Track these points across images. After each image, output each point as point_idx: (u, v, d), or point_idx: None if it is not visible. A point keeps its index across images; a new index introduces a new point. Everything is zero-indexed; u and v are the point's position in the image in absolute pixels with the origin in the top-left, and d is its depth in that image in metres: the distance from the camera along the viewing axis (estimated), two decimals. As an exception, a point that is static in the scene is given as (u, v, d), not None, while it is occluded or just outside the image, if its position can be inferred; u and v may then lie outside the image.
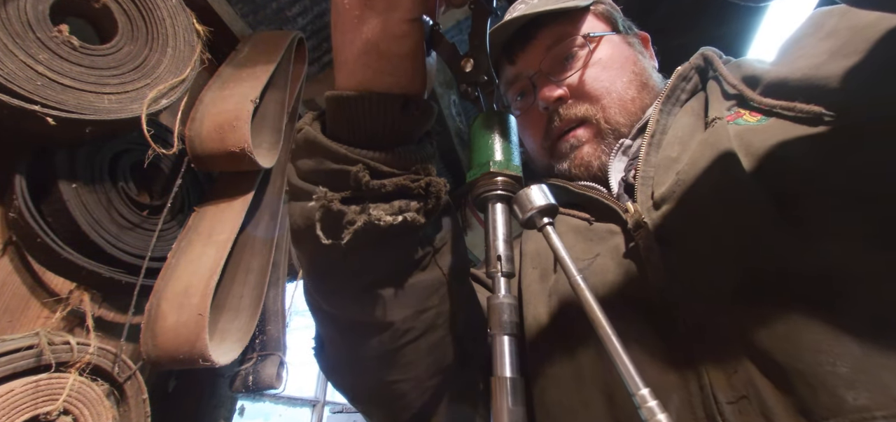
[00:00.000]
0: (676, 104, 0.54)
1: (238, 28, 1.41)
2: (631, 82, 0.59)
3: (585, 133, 0.58)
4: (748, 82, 0.47)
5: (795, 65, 0.42)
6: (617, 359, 0.28)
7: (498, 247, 0.35)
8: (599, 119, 0.57)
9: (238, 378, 1.27)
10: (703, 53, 0.56)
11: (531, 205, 0.36)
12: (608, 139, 0.57)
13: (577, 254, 0.52)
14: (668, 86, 0.55)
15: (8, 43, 0.75)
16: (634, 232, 0.45)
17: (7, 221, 0.83)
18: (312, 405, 2.15)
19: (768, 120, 0.42)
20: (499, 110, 0.41)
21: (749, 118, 0.44)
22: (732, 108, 0.47)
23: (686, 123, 0.51)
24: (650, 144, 0.51)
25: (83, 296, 0.90)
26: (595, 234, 0.52)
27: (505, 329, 0.31)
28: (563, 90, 0.59)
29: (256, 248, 1.21)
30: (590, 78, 0.59)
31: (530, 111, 0.63)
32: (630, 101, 0.58)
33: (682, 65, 0.57)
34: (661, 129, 0.52)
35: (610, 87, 0.58)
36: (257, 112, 1.20)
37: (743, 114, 0.45)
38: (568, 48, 0.60)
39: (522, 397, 0.29)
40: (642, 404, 0.26)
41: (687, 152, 0.47)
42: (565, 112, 0.59)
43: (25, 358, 0.75)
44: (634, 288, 0.43)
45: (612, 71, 0.59)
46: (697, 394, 0.35)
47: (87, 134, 0.82)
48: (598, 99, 0.58)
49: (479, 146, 0.40)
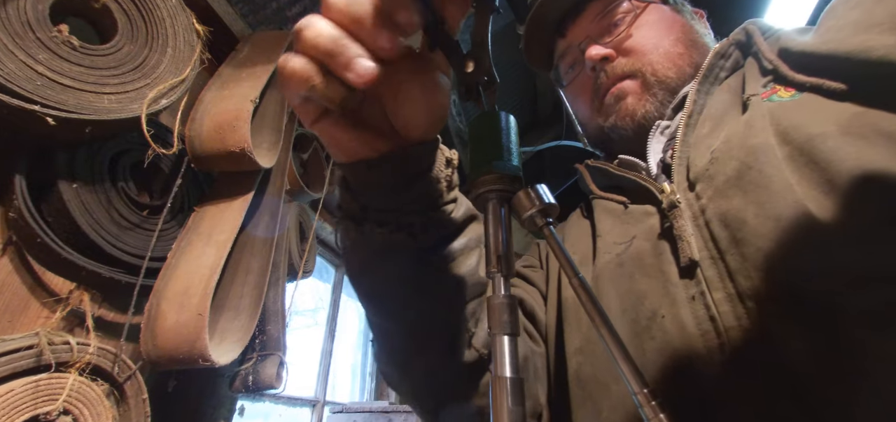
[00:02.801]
0: (715, 83, 0.54)
1: (238, 28, 1.41)
2: (678, 40, 0.60)
3: (631, 84, 0.59)
4: (784, 56, 0.46)
5: (825, 37, 0.42)
6: (618, 359, 0.28)
7: (498, 247, 0.35)
8: (646, 72, 0.58)
9: (238, 378, 1.27)
10: (745, 28, 0.55)
11: (531, 205, 0.36)
12: (654, 90, 0.57)
13: (614, 237, 0.52)
14: (706, 64, 0.54)
15: (8, 43, 0.75)
16: (668, 212, 0.45)
17: (7, 221, 0.83)
18: (312, 405, 2.15)
19: (801, 95, 0.42)
20: (499, 110, 0.41)
21: (783, 94, 0.44)
22: (768, 83, 0.47)
23: (722, 101, 0.51)
24: (687, 123, 0.51)
25: (83, 296, 0.90)
26: (631, 216, 0.52)
27: (505, 329, 0.31)
28: (609, 50, 0.60)
29: (256, 248, 1.21)
30: (636, 36, 0.60)
31: (579, 77, 0.65)
32: (678, 56, 0.58)
33: (721, 42, 0.56)
34: (699, 108, 0.52)
35: (657, 43, 0.59)
36: (257, 112, 1.20)
37: (778, 90, 0.45)
38: (615, 14, 0.62)
39: (522, 396, 0.29)
40: (643, 404, 0.26)
41: (720, 130, 0.46)
42: (611, 69, 0.60)
43: (25, 358, 0.75)
44: (669, 269, 0.44)
45: (659, 30, 0.60)
46: (717, 352, 0.37)
47: (87, 134, 0.82)
48: (644, 53, 0.59)
49: (479, 146, 0.40)
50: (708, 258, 0.41)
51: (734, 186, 0.41)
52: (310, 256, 1.60)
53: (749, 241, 0.38)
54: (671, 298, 0.42)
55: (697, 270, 0.41)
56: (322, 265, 2.51)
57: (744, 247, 0.39)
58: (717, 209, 0.42)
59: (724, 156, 0.43)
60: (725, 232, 0.41)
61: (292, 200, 1.61)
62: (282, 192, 1.33)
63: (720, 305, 0.39)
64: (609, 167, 0.57)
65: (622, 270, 0.49)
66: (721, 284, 0.40)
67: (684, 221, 0.44)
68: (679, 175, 0.48)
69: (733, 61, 0.54)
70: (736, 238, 0.39)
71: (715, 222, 0.42)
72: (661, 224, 0.46)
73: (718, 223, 0.41)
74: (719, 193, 0.42)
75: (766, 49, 0.49)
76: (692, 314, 0.40)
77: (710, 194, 0.43)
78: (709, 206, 0.43)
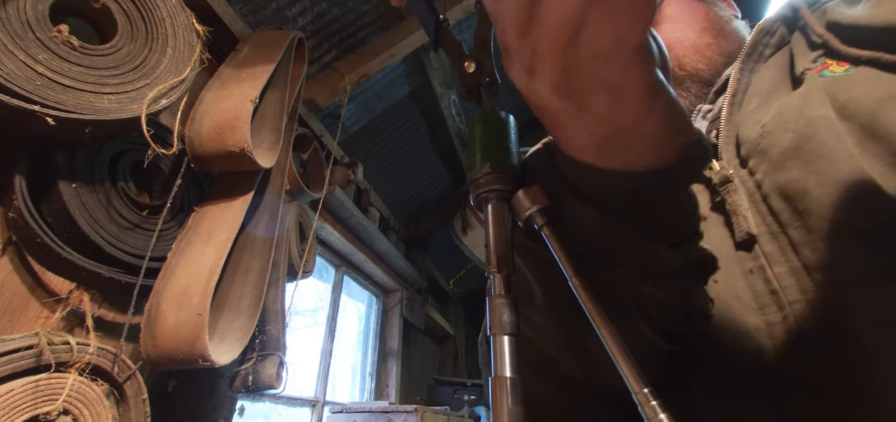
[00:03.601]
0: (759, 60, 0.52)
1: (238, 28, 1.41)
2: (705, 30, 0.58)
3: None
4: (834, 29, 0.45)
5: (878, 10, 0.40)
6: (618, 359, 0.28)
7: (497, 246, 0.35)
8: (673, 67, 0.56)
9: (238, 378, 1.27)
10: (791, 3, 0.52)
11: (530, 204, 0.36)
12: (686, 84, 0.56)
13: None
14: (750, 42, 0.52)
15: (8, 43, 0.75)
16: (720, 187, 0.45)
17: (7, 221, 0.83)
18: (312, 405, 2.15)
19: (856, 69, 0.41)
20: (499, 111, 0.41)
21: (836, 68, 0.42)
22: (819, 58, 0.45)
23: (768, 77, 0.49)
24: (732, 103, 0.49)
25: (83, 296, 0.90)
26: None
27: (505, 329, 0.31)
28: None
29: (256, 248, 1.21)
30: (658, 32, 0.58)
31: None
32: (706, 47, 0.56)
33: (766, 17, 0.54)
34: (744, 87, 0.50)
35: (681, 37, 0.57)
36: (257, 112, 1.20)
37: (830, 64, 0.43)
38: None
39: (522, 396, 0.29)
40: (644, 404, 0.26)
41: (769, 105, 0.45)
42: None
43: (25, 358, 0.75)
44: (722, 244, 0.43)
45: (681, 23, 0.58)
46: (780, 336, 0.37)
47: (86, 134, 0.82)
48: (669, 48, 0.56)
49: (479, 146, 0.40)
50: (767, 233, 0.40)
51: (792, 158, 0.40)
52: (310, 256, 1.60)
53: (812, 211, 0.37)
54: (724, 271, 0.42)
55: (755, 245, 0.40)
56: (322, 265, 2.51)
57: (807, 218, 0.37)
58: (775, 182, 0.41)
59: (778, 128, 0.42)
60: (786, 205, 0.39)
61: (292, 200, 1.61)
62: (282, 192, 1.33)
63: (782, 280, 0.38)
64: None
65: None
66: (783, 258, 0.39)
67: (739, 195, 0.43)
68: (728, 153, 0.47)
69: (779, 37, 0.52)
70: (798, 210, 0.38)
71: (773, 196, 0.40)
72: (712, 199, 0.45)
73: (777, 197, 0.40)
74: (776, 166, 0.41)
75: (814, 23, 0.47)
76: (749, 288, 0.40)
77: (764, 168, 0.42)
78: (765, 180, 0.42)
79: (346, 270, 2.67)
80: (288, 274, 1.47)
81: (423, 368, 3.53)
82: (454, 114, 2.72)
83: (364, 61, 1.90)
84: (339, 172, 1.99)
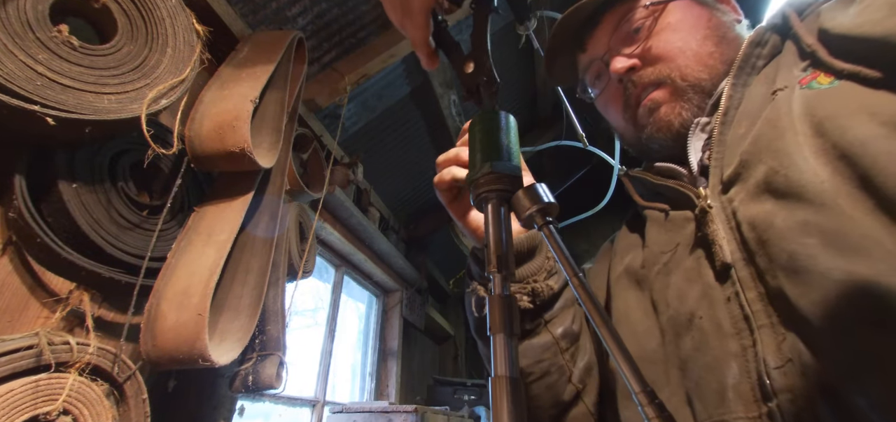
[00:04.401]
0: (752, 73, 0.51)
1: (238, 28, 1.41)
2: (707, 37, 0.56)
3: (662, 94, 0.56)
4: (824, 39, 0.44)
5: (860, 19, 0.40)
6: (619, 359, 0.28)
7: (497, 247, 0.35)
8: (675, 77, 0.55)
9: (238, 378, 1.27)
10: (782, 10, 0.52)
11: (530, 204, 0.36)
12: (688, 95, 0.55)
13: (660, 246, 0.53)
14: (741, 55, 0.52)
15: (8, 43, 0.75)
16: (701, 218, 0.46)
17: (7, 221, 0.83)
18: (312, 405, 2.15)
19: (839, 83, 0.41)
20: (498, 110, 0.41)
21: (822, 80, 0.42)
22: (808, 68, 0.45)
23: (758, 94, 0.48)
24: (723, 122, 0.49)
25: (83, 296, 0.90)
26: (673, 224, 0.52)
27: (504, 329, 0.31)
28: (633, 60, 0.58)
29: (256, 248, 1.21)
30: (660, 42, 0.57)
31: (607, 89, 0.64)
32: (708, 56, 0.55)
33: (756, 28, 0.53)
34: (735, 103, 0.50)
35: (683, 47, 0.56)
36: (257, 112, 1.20)
37: (818, 75, 0.43)
38: (634, 21, 0.59)
39: (522, 396, 0.29)
40: (644, 404, 0.26)
41: (754, 128, 0.45)
42: (638, 78, 0.58)
43: (25, 358, 0.75)
44: (707, 272, 0.44)
45: (683, 31, 0.57)
46: (752, 360, 0.38)
47: (86, 134, 0.82)
48: (672, 59, 0.56)
49: (479, 146, 0.40)
50: (741, 259, 0.42)
51: (765, 192, 0.41)
52: (310, 256, 1.60)
53: (774, 242, 0.38)
54: (709, 299, 0.43)
55: (732, 271, 0.42)
56: (322, 265, 2.51)
57: (769, 248, 0.39)
58: (747, 213, 0.42)
59: (753, 159, 0.43)
60: (753, 234, 0.41)
61: (292, 200, 1.61)
62: (282, 192, 1.33)
63: (753, 305, 0.39)
64: (647, 177, 0.57)
65: (669, 278, 0.50)
66: (753, 284, 0.40)
67: (717, 225, 0.44)
68: (714, 178, 0.48)
69: (771, 47, 0.51)
70: (762, 239, 0.40)
71: (745, 225, 0.42)
72: (698, 229, 0.47)
73: (748, 226, 0.42)
74: (751, 198, 0.42)
75: (803, 32, 0.47)
76: (728, 315, 0.41)
77: (742, 198, 0.43)
78: (740, 208, 0.43)
79: (346, 270, 2.67)
80: (288, 274, 1.47)
81: (423, 368, 3.53)
82: (454, 114, 2.72)
83: (364, 61, 1.90)
84: (339, 172, 1.99)
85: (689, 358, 0.44)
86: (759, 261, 0.40)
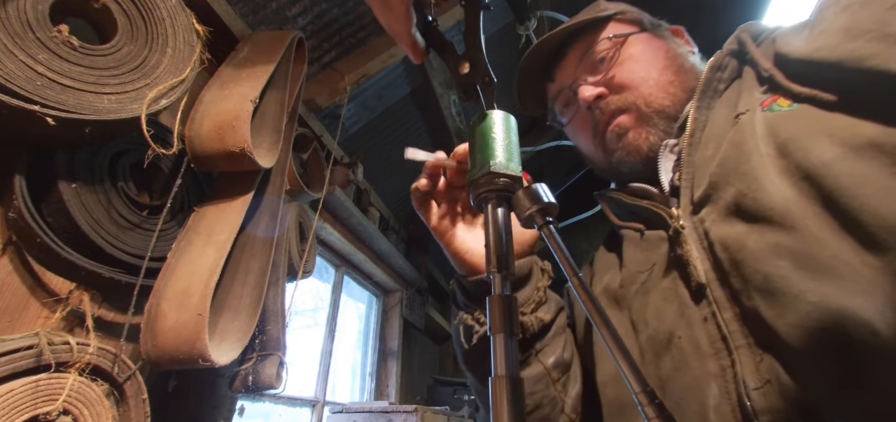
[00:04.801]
0: (715, 96, 0.53)
1: (238, 28, 1.41)
2: (666, 68, 0.60)
3: (628, 119, 0.59)
4: (780, 63, 0.46)
5: (816, 44, 0.41)
6: (619, 359, 0.28)
7: (497, 247, 0.35)
8: (639, 104, 0.58)
9: (238, 378, 1.27)
10: (737, 36, 0.54)
11: (530, 204, 0.36)
12: (653, 120, 0.57)
13: (637, 266, 0.53)
14: (703, 79, 0.54)
15: (8, 43, 0.75)
16: (675, 239, 0.46)
17: (7, 221, 0.83)
18: (312, 405, 2.15)
19: (797, 106, 0.42)
20: (498, 110, 0.41)
21: (783, 103, 0.43)
22: (768, 91, 0.46)
23: (721, 117, 0.50)
24: (690, 143, 0.51)
25: (83, 296, 0.90)
26: (649, 243, 0.53)
27: (503, 329, 0.31)
28: (600, 89, 0.61)
29: (256, 248, 1.21)
30: (624, 71, 0.60)
31: (577, 116, 0.66)
32: (668, 84, 0.58)
33: (716, 54, 0.55)
34: (701, 125, 0.52)
35: (646, 76, 0.59)
36: (257, 112, 1.20)
37: (777, 98, 0.44)
38: (598, 53, 0.63)
39: (522, 396, 0.29)
40: (645, 405, 0.26)
41: (720, 150, 0.46)
42: (605, 105, 0.60)
43: (25, 358, 0.75)
44: (684, 292, 0.45)
45: (644, 62, 0.60)
46: (732, 381, 0.38)
47: (86, 134, 0.82)
48: (635, 87, 0.59)
49: (479, 146, 0.40)
50: (715, 280, 0.42)
51: (734, 214, 0.42)
52: (310, 256, 1.60)
53: (748, 263, 0.39)
54: (687, 319, 0.44)
55: (707, 291, 0.42)
56: (322, 265, 2.51)
57: (743, 269, 0.39)
58: (719, 233, 0.43)
59: (722, 181, 0.44)
60: (726, 254, 0.41)
61: (292, 200, 1.61)
62: (282, 192, 1.33)
63: (730, 325, 0.40)
64: (622, 197, 0.59)
65: (647, 298, 0.50)
66: (729, 304, 0.41)
67: (690, 246, 0.45)
68: (685, 198, 0.49)
69: (730, 72, 0.54)
70: (735, 260, 0.40)
71: (717, 246, 0.42)
72: (672, 249, 0.47)
73: (720, 247, 0.42)
74: (721, 219, 0.43)
75: (760, 57, 0.49)
76: (706, 335, 0.42)
77: (713, 218, 0.44)
78: (712, 229, 0.44)
79: (346, 270, 2.67)
80: (288, 274, 1.47)
81: (423, 368, 3.53)
82: (454, 114, 2.72)
83: (364, 61, 1.90)
84: (339, 172, 1.99)
85: (670, 378, 0.44)
86: (734, 282, 0.40)
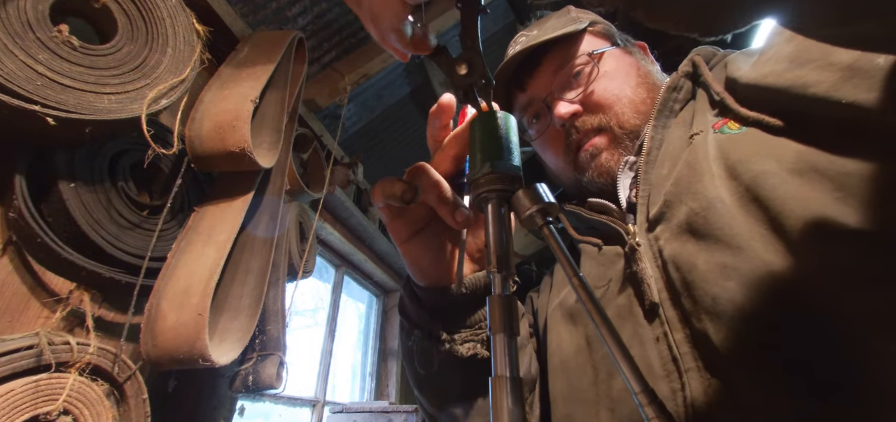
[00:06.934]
0: (671, 116, 0.54)
1: (238, 28, 1.41)
2: (639, 85, 0.61)
3: (602, 140, 0.59)
4: (731, 88, 0.47)
5: (763, 70, 0.42)
6: (619, 359, 0.28)
7: (497, 247, 0.35)
8: (613, 125, 0.58)
9: (238, 378, 1.27)
10: (691, 59, 0.56)
11: (530, 204, 0.36)
12: (625, 142, 0.58)
13: (593, 281, 0.53)
14: (660, 99, 0.55)
15: (8, 43, 0.75)
16: (631, 256, 0.47)
17: (7, 221, 0.83)
18: (312, 405, 2.15)
19: (746, 129, 0.43)
20: (498, 110, 0.41)
21: (732, 126, 0.44)
22: (719, 114, 0.47)
23: (676, 137, 0.51)
24: (647, 161, 0.52)
25: (83, 296, 0.90)
26: (606, 258, 0.53)
27: (504, 329, 0.31)
28: (576, 107, 0.61)
29: (256, 248, 1.21)
30: (599, 89, 0.60)
31: (548, 131, 0.66)
32: (641, 103, 0.59)
33: (672, 75, 0.57)
34: (657, 144, 0.53)
35: (620, 94, 0.59)
36: (257, 112, 1.20)
37: (728, 121, 0.45)
38: (574, 67, 0.62)
39: (522, 396, 0.29)
40: (645, 405, 0.26)
41: (675, 169, 0.47)
42: (581, 124, 0.60)
43: (25, 358, 0.75)
44: (638, 310, 0.45)
45: (618, 79, 0.61)
46: (682, 405, 0.38)
47: (86, 134, 0.82)
48: (610, 107, 0.59)
49: (479, 146, 0.40)
50: (668, 300, 0.42)
51: (686, 232, 0.42)
52: (310, 256, 1.60)
53: (698, 284, 0.39)
54: (639, 338, 0.44)
55: (660, 310, 0.42)
56: (322, 265, 2.51)
57: (694, 290, 0.39)
58: (672, 252, 0.43)
59: (675, 200, 0.44)
60: (678, 274, 0.41)
61: (292, 200, 1.61)
62: (282, 192, 1.33)
63: (681, 347, 0.40)
64: (581, 211, 0.59)
65: None
66: (680, 326, 0.41)
67: (645, 263, 0.45)
68: (641, 215, 0.49)
69: (685, 93, 0.55)
70: (686, 280, 0.40)
71: (670, 265, 0.43)
72: (628, 265, 0.48)
73: (672, 265, 0.42)
74: (674, 237, 0.43)
75: (712, 80, 0.50)
76: (658, 355, 0.41)
77: (667, 236, 0.44)
78: (665, 247, 0.44)
79: (346, 270, 2.67)
80: (288, 274, 1.47)
81: (424, 368, 3.53)
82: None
83: (364, 61, 1.90)
84: (339, 172, 1.99)
85: (620, 399, 0.44)
86: (685, 302, 0.40)
